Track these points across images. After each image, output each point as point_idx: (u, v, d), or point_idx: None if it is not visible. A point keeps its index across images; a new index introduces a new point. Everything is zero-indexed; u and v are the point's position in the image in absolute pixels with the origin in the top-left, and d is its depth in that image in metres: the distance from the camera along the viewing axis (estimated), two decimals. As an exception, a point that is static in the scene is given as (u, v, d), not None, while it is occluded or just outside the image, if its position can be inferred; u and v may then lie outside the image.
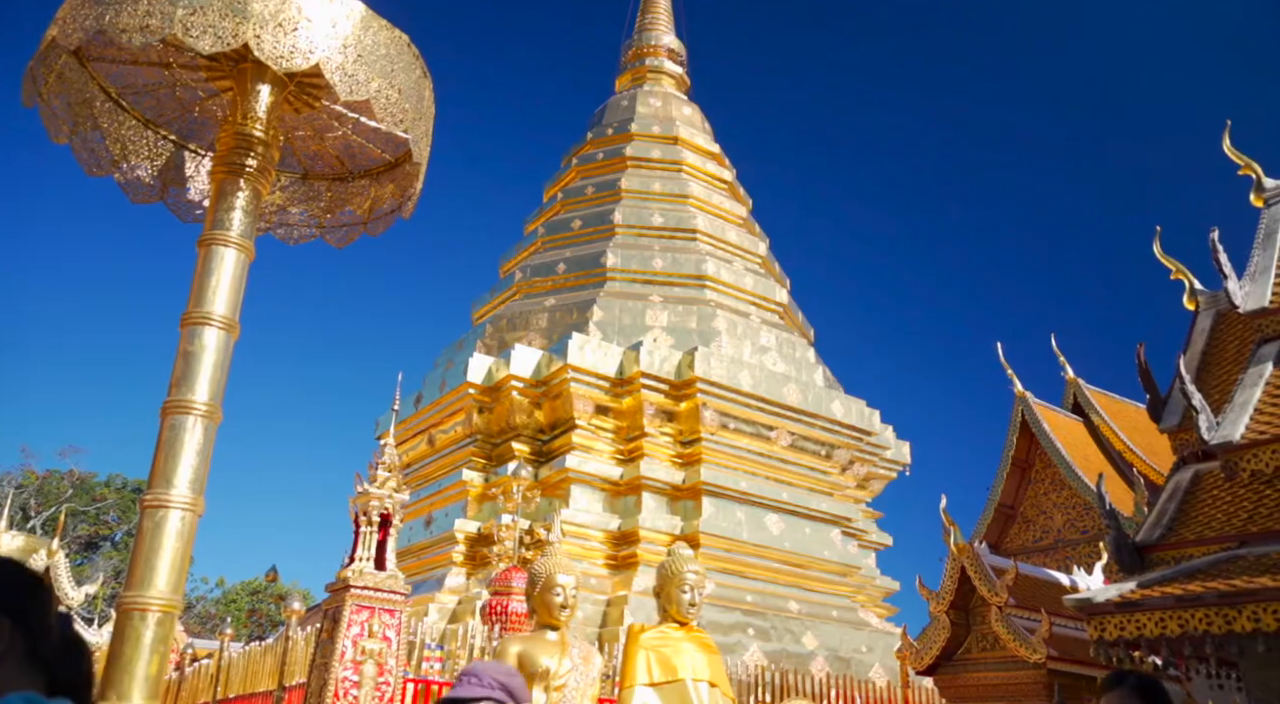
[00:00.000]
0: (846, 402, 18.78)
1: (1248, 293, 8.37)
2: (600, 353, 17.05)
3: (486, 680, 2.66)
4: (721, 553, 16.07)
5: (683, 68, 25.90)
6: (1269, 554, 6.87)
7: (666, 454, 16.96)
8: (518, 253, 22.46)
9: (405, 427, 19.03)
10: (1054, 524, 21.29)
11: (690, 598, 5.91)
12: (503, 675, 2.69)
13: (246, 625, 35.73)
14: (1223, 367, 9.17)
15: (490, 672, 2.68)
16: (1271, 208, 9.31)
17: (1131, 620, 6.88)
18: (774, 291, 20.94)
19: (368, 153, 5.53)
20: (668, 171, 22.25)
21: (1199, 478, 8.44)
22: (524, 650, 5.68)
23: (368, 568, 7.77)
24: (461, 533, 16.30)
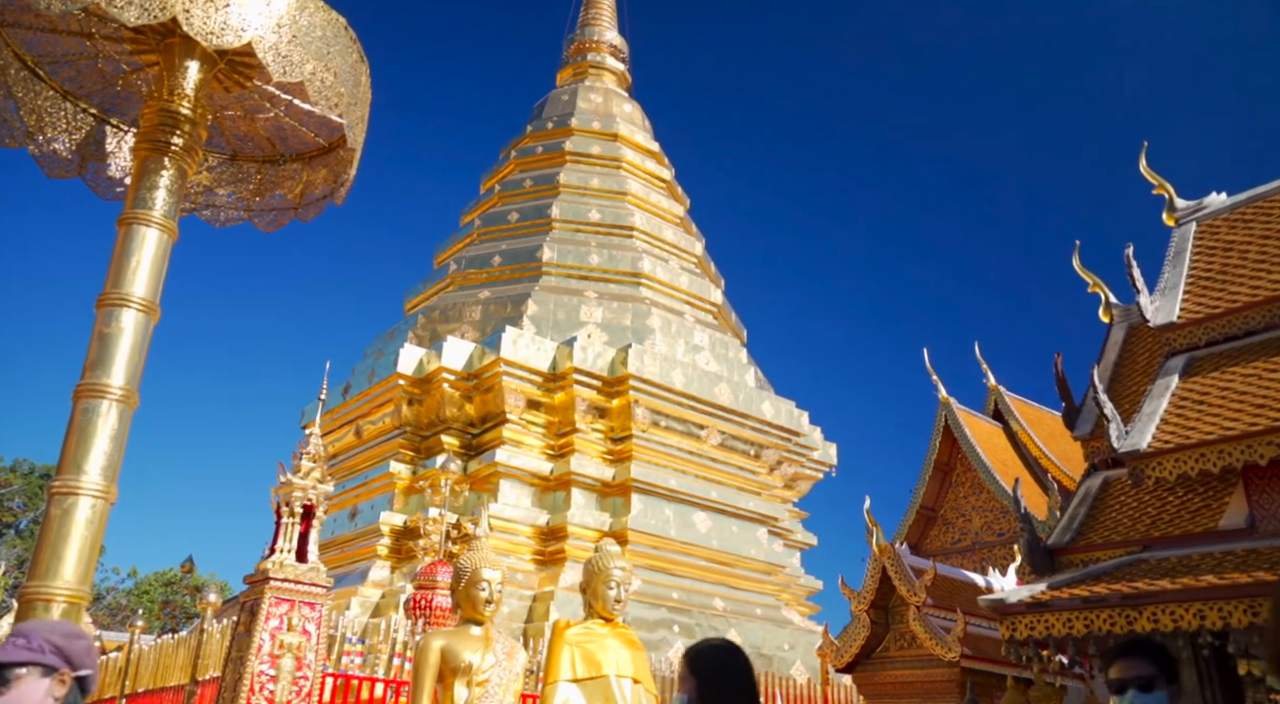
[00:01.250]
0: (776, 402, 19.03)
1: (1158, 308, 8.72)
2: (533, 347, 16.97)
3: (36, 642, 2.27)
4: (649, 550, 16.15)
5: (625, 64, 25.91)
6: (1169, 558, 7.18)
7: (597, 450, 16.96)
8: (453, 244, 22.21)
9: (332, 417, 18.67)
10: (972, 526, 21.91)
11: (616, 594, 5.92)
12: (58, 637, 2.31)
13: (159, 618, 34.61)
14: (1134, 377, 9.54)
15: (42, 632, 2.29)
16: (1182, 227, 9.72)
17: (1041, 620, 7.12)
18: (709, 291, 21.10)
19: (300, 136, 5.40)
20: (607, 168, 22.24)
21: (1108, 484, 8.77)
22: (447, 645, 5.62)
23: (289, 560, 7.60)
24: (387, 526, 16.06)
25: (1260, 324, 8.03)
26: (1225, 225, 9.39)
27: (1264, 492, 7.10)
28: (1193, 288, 8.77)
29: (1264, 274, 8.33)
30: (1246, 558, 6.63)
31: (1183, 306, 8.59)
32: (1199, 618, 6.20)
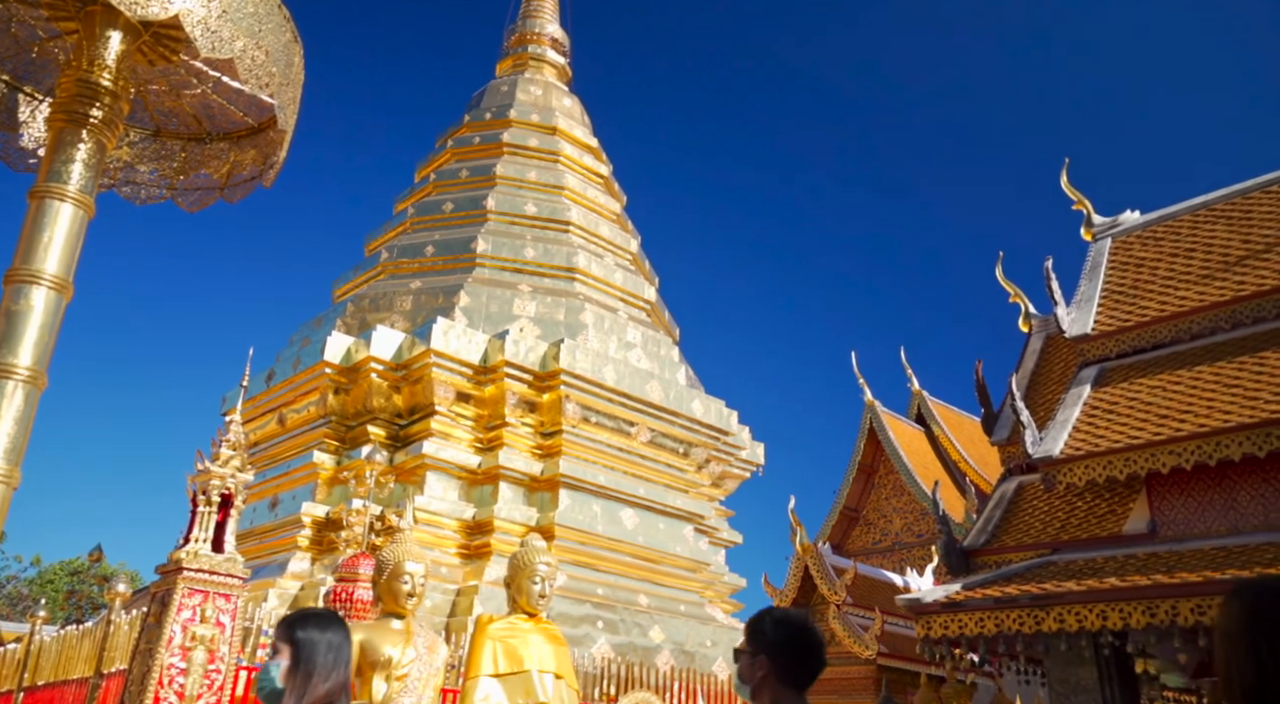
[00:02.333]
0: (706, 401, 19.19)
1: (1074, 319, 9.05)
2: (465, 339, 16.80)
3: None
4: (576, 545, 16.13)
5: (565, 58, 25.79)
6: (1076, 561, 7.46)
7: (526, 445, 16.88)
8: (385, 232, 21.84)
9: (254, 404, 18.21)
10: (893, 527, 22.44)
11: (541, 589, 5.91)
12: None
13: (64, 608, 33.28)
14: (1049, 386, 9.88)
15: None
16: (1099, 242, 10.10)
17: (955, 620, 7.33)
18: (643, 289, 21.16)
19: (229, 115, 5.25)
20: (544, 161, 22.13)
21: (1022, 489, 9.08)
22: (366, 639, 5.54)
23: (204, 550, 7.40)
24: (309, 516, 15.72)
25: (1167, 338, 8.40)
26: (1138, 242, 9.78)
27: (1165, 498, 7.42)
28: (1106, 301, 9.13)
29: (1171, 291, 8.71)
30: (1147, 561, 6.93)
31: (1096, 319, 8.93)
32: (1101, 619, 6.45)
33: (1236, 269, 8.43)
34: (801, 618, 2.61)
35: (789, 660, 2.52)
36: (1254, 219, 8.99)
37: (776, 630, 2.57)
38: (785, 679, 2.51)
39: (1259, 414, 6.70)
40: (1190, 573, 6.31)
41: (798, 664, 2.52)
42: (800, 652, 2.54)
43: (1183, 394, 7.51)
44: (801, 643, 2.54)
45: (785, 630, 2.57)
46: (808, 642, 2.55)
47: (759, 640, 2.57)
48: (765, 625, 2.60)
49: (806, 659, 2.54)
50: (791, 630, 2.57)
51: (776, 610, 2.67)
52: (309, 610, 2.60)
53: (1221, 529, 7.01)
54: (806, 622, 2.59)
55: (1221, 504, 7.09)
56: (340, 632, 2.53)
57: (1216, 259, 8.76)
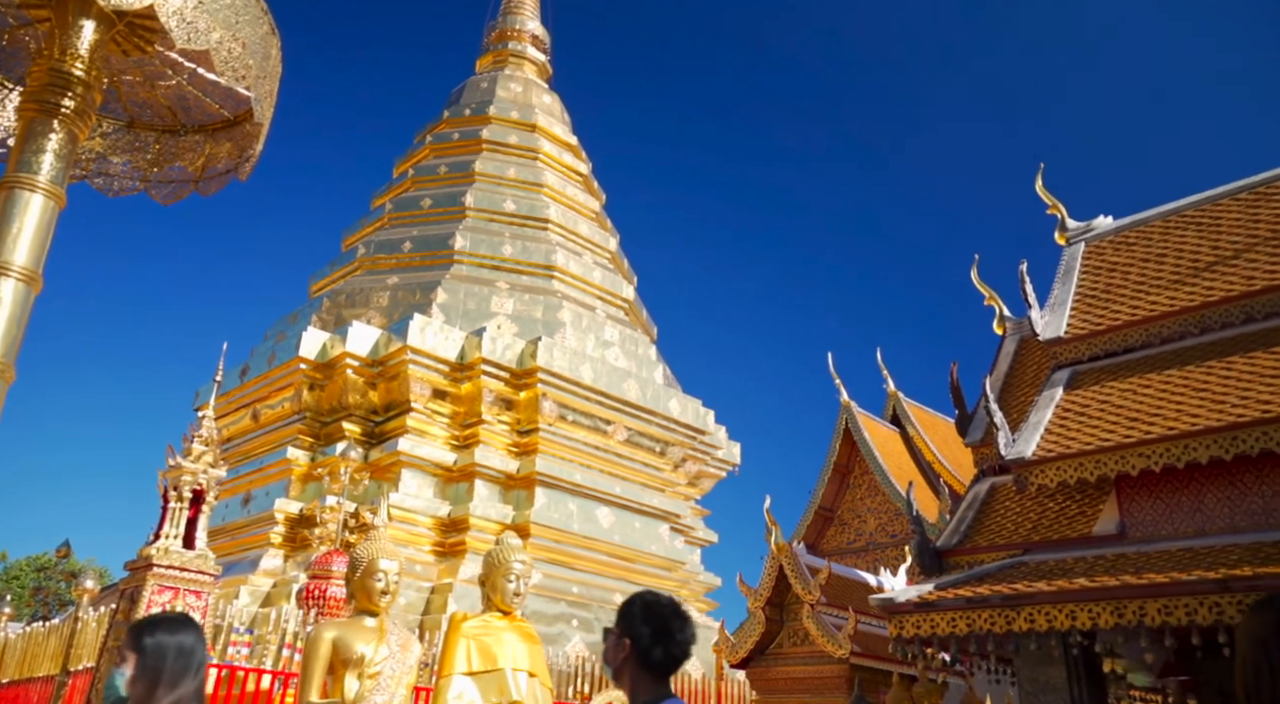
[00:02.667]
0: (684, 400, 19.22)
1: (1047, 322, 9.15)
2: (442, 336, 16.73)
3: None
4: (551, 544, 16.11)
5: (546, 56, 25.73)
6: (1046, 562, 7.55)
7: (503, 442, 16.83)
8: (362, 227, 21.70)
9: (228, 399, 18.04)
10: (867, 527, 22.57)
11: (516, 587, 5.89)
12: None
13: (30, 605, 32.82)
14: (1022, 388, 9.99)
15: None
16: (1072, 246, 10.22)
17: (927, 620, 7.39)
18: (621, 287, 21.16)
19: (204, 107, 5.19)
20: (524, 158, 22.06)
21: (995, 490, 9.16)
22: (339, 636, 5.50)
23: (175, 546, 7.33)
24: (282, 513, 15.60)
25: (1138, 342, 8.51)
26: (1110, 247, 9.90)
27: (1134, 500, 7.52)
28: (1079, 305, 9.23)
29: (1142, 295, 8.83)
30: (1116, 562, 7.02)
31: (1069, 323, 9.03)
32: (1070, 619, 6.53)
33: (1206, 275, 8.56)
34: (670, 604, 2.54)
35: (651, 646, 2.47)
36: (1223, 226, 9.13)
37: (643, 615, 2.52)
38: (645, 664, 2.47)
39: (1225, 418, 6.81)
40: (1157, 574, 6.39)
41: (659, 650, 2.47)
42: (663, 638, 2.48)
43: (1152, 397, 7.61)
44: (665, 629, 2.49)
45: (651, 615, 2.52)
46: (672, 628, 2.49)
47: (625, 623, 2.54)
48: (634, 609, 2.55)
49: (668, 646, 2.48)
50: (657, 616, 2.51)
51: (648, 594, 2.60)
52: (160, 615, 2.50)
53: (1188, 531, 7.12)
54: (675, 608, 2.53)
55: (1189, 506, 7.19)
56: (192, 635, 2.37)
57: (1187, 264, 8.89)
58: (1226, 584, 5.95)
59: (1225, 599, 5.92)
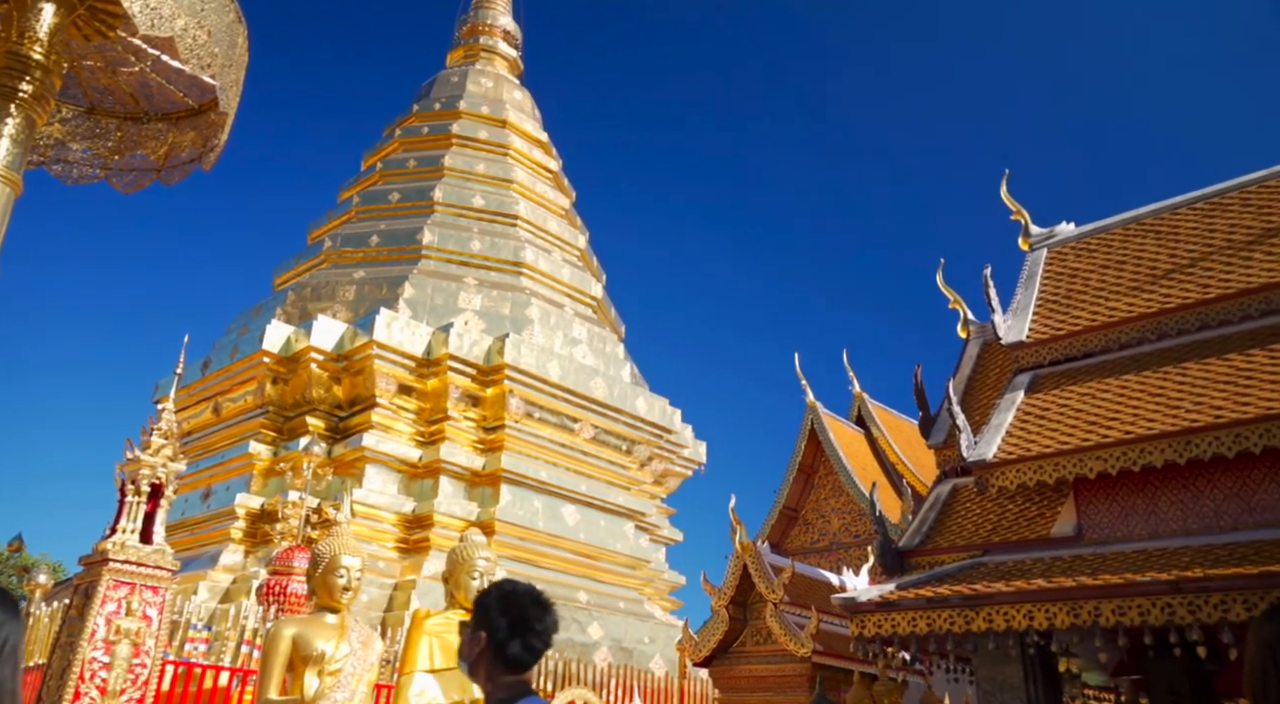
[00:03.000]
0: (650, 399, 19.24)
1: (1009, 327, 9.28)
2: (408, 331, 16.61)
3: None
4: (516, 541, 16.07)
5: (517, 51, 25.62)
6: (1005, 562, 7.66)
7: (468, 439, 16.75)
8: (329, 220, 21.48)
9: (189, 392, 17.78)
10: (831, 527, 22.76)
11: (479, 585, 5.87)
12: None
13: (-20, 600, 32.02)
14: (985, 391, 10.12)
15: None
16: (1035, 252, 10.38)
17: (888, 619, 7.47)
18: (590, 285, 21.13)
19: (168, 95, 5.10)
20: (493, 154, 21.96)
21: (956, 491, 9.28)
22: (299, 633, 5.45)
23: (131, 541, 7.20)
24: (243, 508, 15.40)
25: (1097, 347, 8.66)
26: (1072, 253, 10.07)
27: (1091, 502, 7.66)
28: (1041, 310, 9.37)
29: (1102, 301, 8.98)
30: (1073, 563, 7.14)
31: (1031, 327, 9.17)
32: (1028, 619, 6.64)
33: (1163, 282, 8.73)
34: (530, 592, 2.41)
35: (508, 638, 2.34)
36: (1180, 234, 9.32)
37: (499, 605, 2.38)
38: (502, 658, 2.34)
39: (1180, 423, 6.95)
40: (1112, 575, 6.52)
41: (517, 643, 2.34)
42: (521, 629, 2.35)
43: (1110, 402, 7.75)
44: (523, 619, 2.36)
45: (508, 605, 2.38)
46: (530, 617, 2.36)
47: (480, 615, 2.39)
48: (489, 600, 2.41)
49: (527, 637, 2.35)
50: (514, 605, 2.38)
51: (506, 583, 2.47)
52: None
53: (1143, 533, 7.26)
54: (535, 596, 2.40)
55: (1144, 509, 7.34)
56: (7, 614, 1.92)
57: (1145, 272, 9.06)
58: (1178, 585, 6.08)
59: (1176, 600, 6.04)
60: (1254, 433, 6.56)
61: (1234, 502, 6.93)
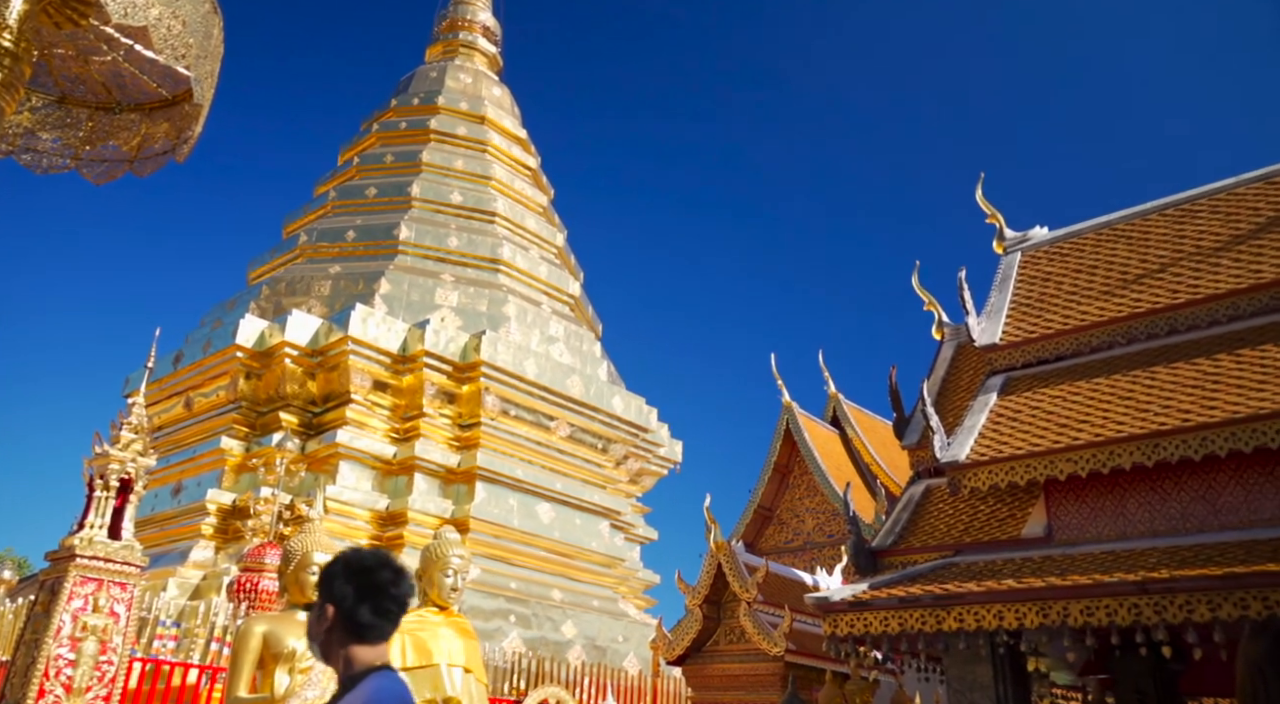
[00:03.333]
0: (627, 398, 19.24)
1: (983, 329, 9.37)
2: (384, 327, 16.51)
3: None
4: (490, 539, 16.02)
5: (497, 48, 25.53)
6: (977, 563, 7.73)
7: (444, 436, 16.68)
8: (305, 214, 21.31)
9: (160, 386, 17.57)
10: (805, 527, 22.86)
11: (453, 582, 5.85)
12: None
13: (-57, 596, 31.54)
14: (958, 393, 10.21)
15: None
16: (1009, 255, 10.48)
17: (861, 619, 7.51)
18: (567, 283, 21.10)
19: (141, 85, 5.04)
20: (472, 151, 21.88)
21: (929, 492, 9.35)
22: (270, 630, 5.41)
23: (99, 536, 7.11)
24: (214, 504, 15.25)
25: (1069, 350, 8.76)
26: (1045, 257, 10.18)
27: (1061, 504, 7.74)
28: (1014, 313, 9.47)
29: (1074, 305, 9.09)
30: (1042, 564, 7.22)
31: (1004, 330, 9.25)
32: (998, 619, 6.70)
33: (1134, 287, 8.85)
34: (378, 555, 2.20)
35: (356, 605, 2.14)
36: (1151, 240, 9.45)
37: (345, 573, 2.17)
38: (352, 627, 2.14)
39: (1148, 426, 7.05)
40: (1081, 576, 6.59)
41: (367, 608, 2.13)
42: (371, 593, 2.15)
43: (1081, 405, 7.84)
44: (373, 584, 2.15)
45: (354, 571, 2.16)
46: (382, 581, 2.16)
47: (325, 588, 2.18)
48: (334, 569, 2.19)
49: (380, 601, 2.14)
50: (362, 570, 2.16)
51: (351, 551, 2.24)
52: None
53: (1111, 534, 7.35)
54: (385, 559, 2.19)
55: (1112, 511, 7.43)
56: None
57: (1116, 276, 9.18)
58: (1144, 586, 6.16)
59: (1143, 600, 6.12)
60: (1219, 436, 6.66)
61: (1200, 504, 7.03)
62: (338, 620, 2.15)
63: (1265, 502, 6.75)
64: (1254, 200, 9.12)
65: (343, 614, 2.15)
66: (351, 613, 2.14)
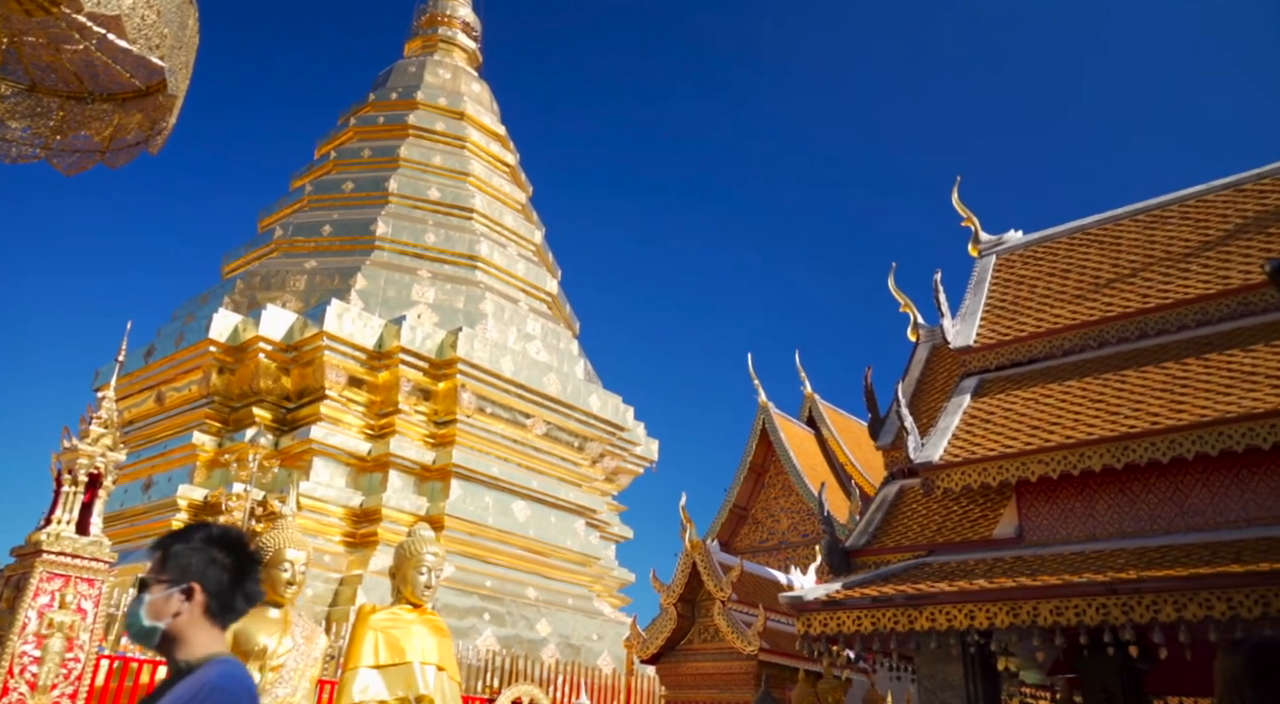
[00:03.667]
0: (604, 396, 19.23)
1: (958, 331, 9.45)
2: (360, 323, 16.40)
3: None
4: (465, 537, 15.96)
5: (476, 43, 25.43)
6: (949, 563, 7.80)
7: (419, 433, 16.60)
8: (280, 208, 21.12)
9: (131, 380, 17.35)
10: (780, 527, 22.97)
11: (427, 580, 5.83)
12: None
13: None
14: (933, 394, 10.29)
15: None
16: (984, 258, 10.58)
17: (834, 618, 7.56)
18: (545, 280, 21.06)
19: (114, 75, 4.98)
20: (450, 146, 21.77)
21: (903, 492, 9.42)
22: (241, 628, 5.36)
23: (67, 532, 7.02)
24: (185, 499, 15.07)
25: (1041, 353, 8.86)
26: (1020, 260, 10.28)
27: (1032, 505, 7.83)
28: (988, 315, 9.56)
29: (1047, 308, 9.19)
30: (1014, 565, 7.30)
31: (979, 332, 9.34)
32: (969, 618, 6.76)
33: (1105, 291, 8.96)
34: (242, 535, 2.12)
35: (232, 590, 2.04)
36: (1123, 244, 9.57)
37: (220, 550, 2.06)
38: (220, 613, 2.04)
39: (1118, 428, 7.14)
40: (1050, 576, 6.67)
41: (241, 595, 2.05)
42: (246, 576, 2.07)
43: (1053, 407, 7.93)
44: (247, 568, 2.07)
45: (228, 550, 2.06)
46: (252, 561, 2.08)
47: (182, 564, 2.02)
48: (194, 544, 2.05)
49: (249, 587, 2.06)
50: (236, 551, 2.07)
51: (212, 527, 2.12)
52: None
53: (1081, 535, 7.44)
54: (245, 540, 2.11)
55: (1082, 512, 7.52)
56: None
57: (1089, 280, 9.29)
58: (1113, 586, 6.24)
59: (1111, 600, 6.21)
60: (1187, 439, 6.76)
61: (1168, 506, 7.13)
62: (205, 603, 2.02)
63: (1230, 504, 6.86)
64: (1223, 207, 9.27)
65: (214, 597, 2.03)
66: (225, 596, 2.04)
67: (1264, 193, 9.12)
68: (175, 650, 2.01)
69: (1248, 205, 9.07)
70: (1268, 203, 8.95)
